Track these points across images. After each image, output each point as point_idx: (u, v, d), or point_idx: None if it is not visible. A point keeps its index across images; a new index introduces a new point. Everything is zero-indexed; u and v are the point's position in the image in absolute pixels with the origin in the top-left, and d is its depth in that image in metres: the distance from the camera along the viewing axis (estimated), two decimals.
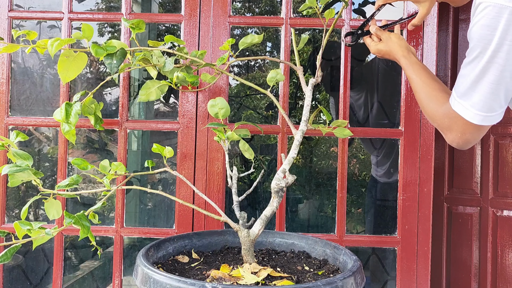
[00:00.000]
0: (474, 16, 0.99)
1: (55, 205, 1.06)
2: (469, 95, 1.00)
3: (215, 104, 1.28)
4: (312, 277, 1.13)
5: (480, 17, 0.96)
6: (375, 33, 1.36)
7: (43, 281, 2.58)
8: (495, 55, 0.95)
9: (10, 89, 1.79)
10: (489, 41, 0.95)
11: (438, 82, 1.20)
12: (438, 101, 1.13)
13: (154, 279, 0.98)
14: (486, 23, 0.95)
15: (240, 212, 1.21)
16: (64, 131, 1.00)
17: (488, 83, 0.97)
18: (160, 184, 3.32)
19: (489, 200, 2.08)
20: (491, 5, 0.94)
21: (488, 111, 1.00)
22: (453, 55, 2.23)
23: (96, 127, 1.14)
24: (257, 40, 1.27)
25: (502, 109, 1.01)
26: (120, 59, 0.95)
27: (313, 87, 1.24)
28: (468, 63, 1.01)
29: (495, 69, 0.96)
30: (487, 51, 0.96)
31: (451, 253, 2.24)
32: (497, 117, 1.02)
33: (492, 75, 0.97)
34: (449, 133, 1.09)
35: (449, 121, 1.07)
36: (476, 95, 0.99)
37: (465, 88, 1.01)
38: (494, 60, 0.95)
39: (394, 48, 1.30)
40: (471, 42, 1.00)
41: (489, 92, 0.98)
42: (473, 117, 1.01)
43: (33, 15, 1.97)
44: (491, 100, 0.99)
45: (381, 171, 2.53)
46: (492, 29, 0.94)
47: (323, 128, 1.21)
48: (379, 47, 1.34)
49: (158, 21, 2.23)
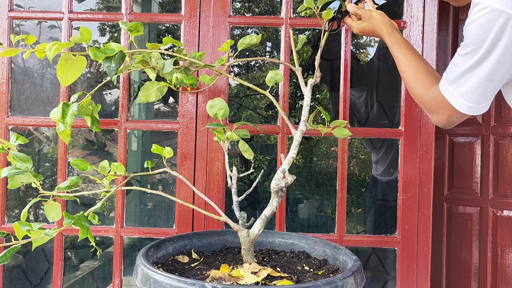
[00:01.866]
0: (471, 14, 1.01)
1: (54, 207, 1.06)
2: (458, 84, 1.04)
3: (214, 105, 1.28)
4: (312, 277, 1.13)
5: (477, 17, 0.99)
6: (354, 12, 1.33)
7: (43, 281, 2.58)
8: (487, 55, 0.99)
9: (10, 89, 1.80)
10: (482, 41, 0.98)
11: (423, 62, 1.22)
12: (425, 84, 1.16)
13: (154, 279, 0.98)
14: (481, 24, 0.98)
15: (240, 212, 1.21)
16: (59, 131, 0.99)
17: (477, 77, 1.01)
18: (160, 184, 3.32)
19: (489, 200, 2.07)
20: (488, 8, 0.97)
21: (475, 103, 1.04)
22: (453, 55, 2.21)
23: (92, 128, 1.14)
24: (255, 41, 1.27)
25: (488, 102, 1.06)
26: (118, 62, 0.95)
27: (312, 88, 1.24)
28: (461, 56, 1.05)
29: (486, 67, 1.00)
30: (480, 49, 0.99)
31: (451, 253, 2.24)
32: (483, 109, 1.06)
33: (482, 72, 1.00)
34: (436, 115, 1.13)
35: (436, 104, 1.11)
36: (465, 86, 1.03)
37: (454, 76, 1.05)
38: (486, 59, 0.99)
39: (378, 26, 1.29)
40: (466, 38, 1.03)
41: (477, 86, 1.02)
42: (459, 105, 1.05)
43: (33, 15, 1.97)
44: (478, 94, 1.03)
45: (381, 169, 2.53)
46: (486, 30, 0.97)
47: (322, 128, 1.21)
48: (361, 26, 1.32)
49: (158, 21, 2.23)
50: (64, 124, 0.98)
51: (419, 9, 1.73)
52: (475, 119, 2.15)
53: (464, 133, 2.21)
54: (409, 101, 1.72)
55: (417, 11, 1.73)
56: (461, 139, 2.24)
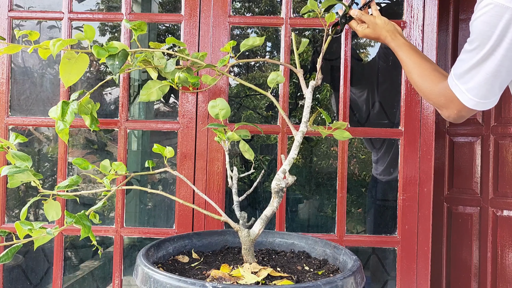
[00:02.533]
0: (477, 10, 1.02)
1: (54, 206, 1.05)
2: (466, 79, 1.05)
3: (216, 105, 1.28)
4: (312, 277, 1.13)
5: (482, 13, 1.00)
6: (359, 18, 1.38)
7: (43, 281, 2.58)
8: (493, 50, 1.00)
9: (10, 89, 1.79)
10: (488, 37, 0.99)
11: (428, 61, 1.24)
12: (432, 80, 1.18)
13: (154, 278, 0.98)
14: (486, 20, 0.99)
15: (240, 212, 1.21)
16: (58, 129, 0.99)
17: (484, 73, 1.02)
18: (160, 184, 3.32)
19: (489, 200, 2.07)
20: (493, 4, 0.97)
21: (482, 98, 1.05)
22: (453, 55, 2.23)
23: (91, 127, 1.14)
24: (258, 43, 1.27)
25: (496, 97, 1.06)
26: (122, 60, 0.95)
27: (313, 90, 1.25)
28: (467, 51, 1.06)
29: (492, 63, 1.01)
30: (486, 45, 1.00)
31: (451, 253, 2.24)
32: (491, 104, 1.07)
33: (489, 67, 1.01)
34: (445, 110, 1.14)
35: (445, 99, 1.12)
36: (472, 81, 1.04)
37: (462, 71, 1.06)
38: (492, 55, 1.00)
39: (381, 34, 1.33)
40: (472, 34, 1.04)
41: (484, 82, 1.03)
42: (467, 101, 1.06)
43: (33, 15, 1.97)
44: (485, 89, 1.04)
45: (380, 168, 2.53)
46: (492, 26, 0.98)
47: (322, 130, 1.21)
48: (366, 32, 1.37)
49: (158, 21, 2.23)
50: (63, 122, 0.98)
51: (419, 9, 1.73)
52: (475, 119, 2.16)
53: (464, 133, 2.21)
54: (409, 101, 1.72)
55: (417, 11, 1.73)
56: (461, 139, 2.24)
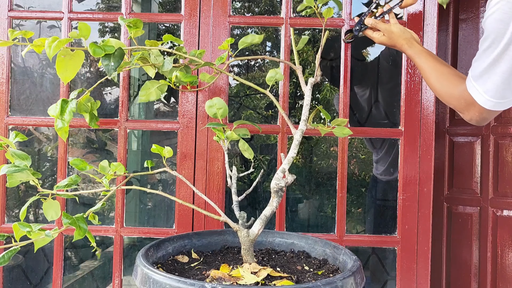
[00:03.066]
0: (489, 8, 1.02)
1: (53, 205, 1.05)
2: (483, 80, 1.05)
3: (213, 105, 1.28)
4: (312, 277, 1.13)
5: (494, 10, 1.00)
6: (374, 26, 1.38)
7: (43, 281, 2.58)
8: (507, 47, 0.99)
9: (10, 89, 1.79)
10: (502, 34, 0.99)
11: (446, 65, 1.24)
12: (451, 84, 1.17)
13: (153, 279, 0.98)
14: (499, 17, 0.99)
15: (239, 212, 1.20)
16: (57, 127, 0.98)
17: (500, 72, 1.02)
18: (160, 184, 3.32)
19: (489, 200, 2.07)
20: (505, 0, 0.98)
21: (500, 98, 1.05)
22: (453, 55, 2.23)
23: (91, 125, 1.14)
24: (257, 40, 1.26)
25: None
26: (117, 60, 0.94)
27: (312, 87, 1.24)
28: (482, 51, 1.05)
29: (507, 61, 1.01)
30: (500, 43, 1.00)
31: (451, 253, 2.23)
32: (509, 104, 1.07)
33: (504, 66, 1.01)
34: (467, 112, 1.14)
35: (465, 102, 1.12)
36: (489, 82, 1.04)
37: (479, 72, 1.06)
38: (506, 52, 1.00)
39: (398, 42, 1.33)
40: (486, 31, 1.04)
41: (501, 81, 1.03)
42: (485, 102, 1.06)
43: (33, 15, 1.97)
44: (502, 88, 1.04)
45: (381, 168, 2.52)
46: (505, 23, 0.98)
47: (322, 128, 1.21)
48: (382, 39, 1.37)
49: (158, 21, 2.23)
50: (62, 120, 0.98)
51: (419, 9, 1.73)
52: None
53: (464, 133, 2.21)
54: (409, 101, 1.72)
55: (417, 11, 1.73)
56: (461, 139, 2.23)
